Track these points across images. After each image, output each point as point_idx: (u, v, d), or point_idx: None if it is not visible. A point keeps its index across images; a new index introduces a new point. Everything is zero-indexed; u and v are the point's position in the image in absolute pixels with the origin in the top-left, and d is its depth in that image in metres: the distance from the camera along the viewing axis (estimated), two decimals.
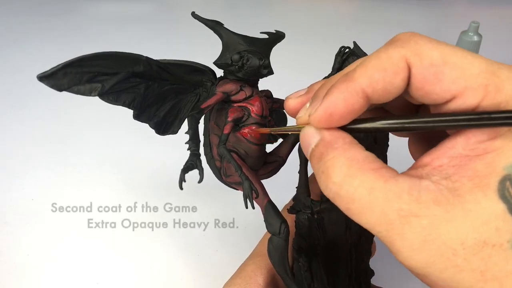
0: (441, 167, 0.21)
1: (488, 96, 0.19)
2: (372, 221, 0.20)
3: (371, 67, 0.21)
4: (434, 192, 0.20)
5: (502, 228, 0.19)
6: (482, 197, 0.19)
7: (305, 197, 0.33)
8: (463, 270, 0.19)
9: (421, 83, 0.20)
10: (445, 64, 0.20)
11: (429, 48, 0.20)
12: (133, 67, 0.28)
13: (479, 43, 0.69)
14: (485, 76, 0.19)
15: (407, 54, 0.20)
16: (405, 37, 0.21)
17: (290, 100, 0.27)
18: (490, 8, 1.06)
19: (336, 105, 0.21)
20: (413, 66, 0.20)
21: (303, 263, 0.33)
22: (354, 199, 0.20)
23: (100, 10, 1.06)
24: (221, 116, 0.32)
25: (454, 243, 0.19)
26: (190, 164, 0.29)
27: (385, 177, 0.20)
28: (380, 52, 0.21)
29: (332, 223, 0.34)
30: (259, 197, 0.30)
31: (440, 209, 0.19)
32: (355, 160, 0.21)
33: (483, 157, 0.20)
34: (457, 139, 0.21)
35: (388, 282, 0.38)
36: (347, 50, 0.36)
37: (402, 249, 0.20)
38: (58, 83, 0.25)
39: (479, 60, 0.20)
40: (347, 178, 0.21)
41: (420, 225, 0.19)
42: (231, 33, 0.32)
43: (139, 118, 0.30)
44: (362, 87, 0.21)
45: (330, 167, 0.21)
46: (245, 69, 0.31)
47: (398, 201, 0.20)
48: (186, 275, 0.47)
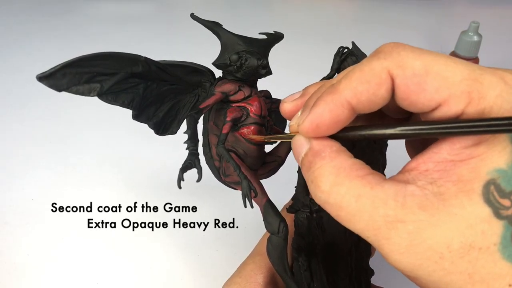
0: (427, 171, 0.21)
1: (472, 102, 0.19)
2: (360, 227, 0.21)
3: (355, 79, 0.21)
4: (419, 197, 0.20)
5: (488, 231, 0.19)
6: (467, 201, 0.20)
7: (304, 196, 0.33)
8: (451, 272, 0.20)
9: (406, 93, 0.21)
10: (427, 73, 0.20)
11: (411, 59, 0.21)
12: (132, 67, 0.28)
13: (479, 43, 0.69)
14: (468, 83, 0.20)
15: (389, 65, 0.21)
16: (388, 48, 0.22)
17: (285, 104, 0.28)
18: (490, 8, 1.06)
19: (322, 116, 0.22)
20: (396, 77, 0.21)
21: (303, 262, 0.33)
22: (342, 207, 0.21)
23: (100, 10, 1.06)
24: (220, 116, 0.32)
25: (440, 247, 0.19)
26: (188, 164, 0.29)
27: (371, 184, 0.21)
28: (363, 64, 0.22)
29: (331, 222, 0.34)
30: (258, 196, 0.30)
31: (425, 214, 0.20)
32: (341, 168, 0.22)
33: (467, 162, 0.20)
34: (442, 144, 0.21)
35: (388, 282, 0.38)
36: (345, 50, 0.36)
37: (390, 253, 0.20)
38: (57, 84, 0.25)
39: (461, 66, 0.20)
40: (335, 187, 0.21)
41: (406, 230, 0.20)
42: (229, 33, 0.32)
43: (138, 118, 0.31)
44: (346, 99, 0.21)
45: (318, 176, 0.22)
46: (244, 69, 0.31)
47: (384, 207, 0.20)
48: (186, 275, 0.47)
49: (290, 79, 0.51)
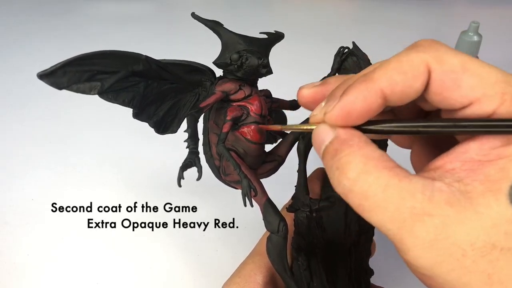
0: (453, 170, 0.21)
1: (504, 104, 0.20)
2: (384, 218, 0.20)
3: (391, 69, 0.21)
4: (446, 193, 0.20)
5: (511, 232, 0.19)
6: (493, 201, 0.20)
7: (304, 195, 0.33)
8: (471, 272, 0.19)
9: (440, 88, 0.21)
10: (464, 71, 0.20)
11: (449, 55, 0.21)
12: (133, 66, 0.28)
13: (479, 43, 0.69)
14: (502, 85, 0.20)
15: (428, 59, 0.21)
16: (427, 43, 0.22)
17: (304, 89, 0.27)
18: (490, 8, 1.06)
19: (354, 104, 0.22)
20: (433, 71, 0.21)
21: (302, 262, 0.33)
22: (367, 196, 0.21)
23: (100, 10, 1.06)
24: (220, 115, 0.32)
25: (464, 244, 0.19)
26: (188, 162, 0.29)
27: (399, 176, 0.21)
28: (401, 55, 0.22)
29: (331, 222, 0.34)
30: (257, 195, 0.30)
31: (452, 210, 0.20)
32: (370, 157, 0.21)
33: (495, 163, 0.20)
34: (470, 144, 0.21)
35: (388, 282, 0.38)
36: (346, 50, 0.36)
37: (412, 247, 0.20)
38: (57, 81, 0.25)
39: (496, 70, 0.20)
40: (362, 175, 0.21)
41: (433, 224, 0.20)
42: (230, 33, 0.32)
43: (139, 117, 0.31)
44: (381, 88, 0.21)
45: (346, 163, 0.21)
46: (244, 68, 0.31)
47: (412, 199, 0.20)
48: (186, 275, 0.47)
49: (290, 79, 0.51)
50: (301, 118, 0.34)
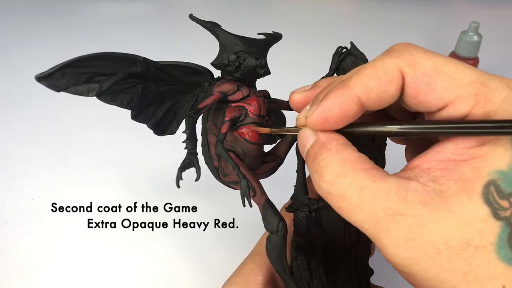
0: (429, 169, 0.21)
1: (478, 105, 0.20)
2: (361, 218, 0.21)
3: (366, 76, 0.22)
4: (420, 193, 0.21)
5: (486, 231, 0.20)
6: (467, 200, 0.20)
7: (303, 195, 0.33)
8: (446, 270, 0.20)
9: (415, 91, 0.21)
10: (437, 74, 0.21)
11: (422, 59, 0.21)
12: (131, 67, 0.28)
13: (479, 43, 0.69)
14: (476, 86, 0.20)
15: (401, 64, 0.21)
16: (400, 47, 0.22)
17: (295, 94, 0.28)
18: (490, 8, 1.06)
19: (331, 110, 0.22)
20: (407, 76, 0.21)
21: (302, 262, 0.33)
22: (344, 197, 0.21)
23: (100, 10, 1.06)
24: (219, 116, 0.32)
25: (438, 242, 0.20)
26: (187, 163, 0.29)
27: (375, 177, 0.21)
28: (375, 61, 0.22)
29: (330, 221, 0.34)
30: (256, 195, 0.30)
31: (426, 209, 0.20)
32: (347, 161, 0.22)
33: (470, 162, 0.21)
34: (446, 144, 0.21)
35: (387, 282, 0.38)
36: (344, 50, 0.36)
37: (387, 246, 0.21)
38: (56, 84, 0.25)
39: (470, 70, 0.21)
40: (339, 178, 0.21)
41: (406, 223, 0.20)
42: (228, 33, 0.32)
43: (137, 118, 0.31)
44: (357, 94, 0.22)
45: (323, 166, 0.22)
46: (242, 69, 0.31)
47: (386, 200, 0.20)
48: (186, 275, 0.47)
49: (289, 79, 0.51)
50: None
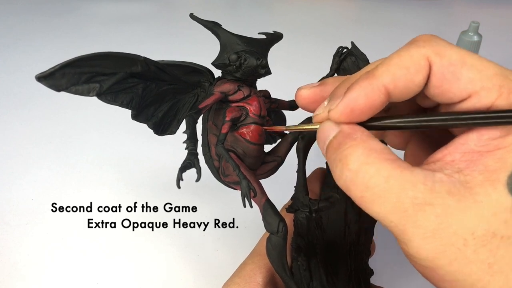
0: (453, 161, 0.21)
1: (502, 96, 0.20)
2: (385, 209, 0.21)
3: (393, 65, 0.22)
4: (447, 184, 0.20)
5: (510, 221, 0.20)
6: (492, 190, 0.20)
7: (303, 196, 0.33)
8: (472, 261, 0.20)
9: (440, 81, 0.21)
10: (463, 64, 0.21)
11: (449, 49, 0.21)
12: (131, 67, 0.28)
13: (479, 43, 0.69)
14: (499, 78, 0.21)
15: (428, 53, 0.21)
16: (426, 38, 0.22)
17: (302, 90, 0.28)
18: (490, 8, 1.06)
19: (358, 101, 0.22)
20: (434, 65, 0.21)
21: (302, 262, 0.33)
22: (369, 187, 0.21)
23: (100, 10, 1.06)
24: (219, 116, 0.32)
25: (465, 233, 0.20)
26: (187, 163, 0.29)
27: (401, 167, 0.21)
28: (401, 51, 0.22)
29: (330, 222, 0.34)
30: (257, 196, 0.30)
31: (453, 199, 0.20)
32: (372, 150, 0.22)
33: (494, 153, 0.21)
34: (469, 135, 0.21)
35: (387, 282, 0.38)
36: (344, 50, 0.36)
37: (414, 238, 0.20)
38: (56, 84, 0.25)
39: (493, 64, 0.21)
40: (364, 166, 0.21)
41: (434, 213, 0.20)
42: (228, 33, 0.32)
43: (137, 118, 0.31)
44: (384, 84, 0.22)
45: (348, 155, 0.22)
46: (243, 69, 0.31)
47: (413, 189, 0.20)
48: (186, 275, 0.47)
49: (290, 79, 0.51)
50: (300, 118, 0.34)
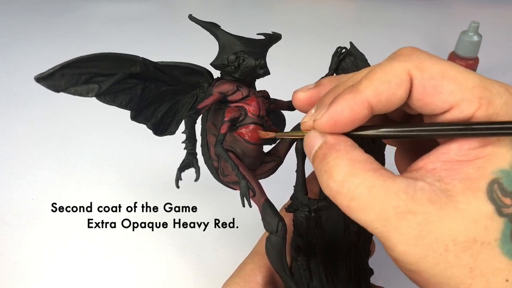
0: (434, 170, 0.22)
1: (482, 107, 0.21)
2: (370, 217, 0.21)
3: (376, 79, 0.22)
4: (428, 192, 0.21)
5: (491, 227, 0.21)
6: (472, 198, 0.21)
7: (303, 195, 0.33)
8: (454, 265, 0.20)
9: (422, 94, 0.22)
10: (444, 77, 0.22)
11: (429, 62, 0.22)
12: (130, 68, 0.28)
13: (479, 43, 0.69)
14: (479, 89, 0.21)
15: (409, 67, 0.22)
16: (407, 51, 0.23)
17: (299, 93, 0.29)
18: (490, 8, 1.06)
19: (341, 114, 0.23)
20: (415, 79, 0.22)
21: (302, 262, 0.33)
22: (354, 197, 0.22)
23: (100, 10, 1.06)
24: (218, 116, 0.32)
25: (446, 239, 0.20)
26: (186, 163, 0.29)
27: (384, 177, 0.22)
28: (384, 65, 0.23)
29: (330, 221, 0.34)
30: (256, 196, 0.30)
31: (434, 207, 0.21)
32: (356, 161, 0.22)
33: (474, 162, 0.21)
34: (450, 145, 0.22)
35: (388, 282, 0.38)
36: (343, 50, 0.36)
37: (397, 244, 0.21)
38: (55, 84, 0.25)
39: (473, 75, 0.22)
40: (349, 177, 0.22)
41: (416, 221, 0.21)
42: (227, 34, 0.32)
43: (137, 119, 0.31)
44: (367, 98, 0.22)
45: (333, 166, 0.23)
46: (241, 69, 0.31)
47: (396, 198, 0.21)
48: (186, 275, 0.47)
49: (289, 79, 0.51)
50: (299, 118, 0.34)
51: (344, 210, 0.22)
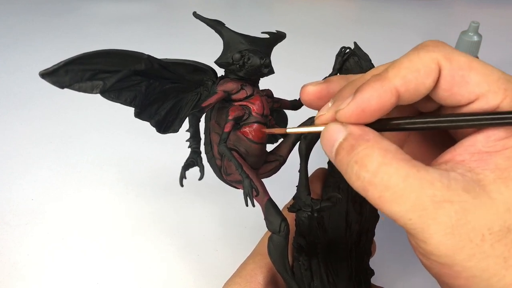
0: (463, 161, 0.22)
1: (507, 99, 0.22)
2: (405, 208, 0.21)
3: (404, 68, 0.23)
4: (462, 182, 0.21)
5: None
6: (504, 187, 0.21)
7: (306, 195, 0.33)
8: (489, 256, 0.20)
9: (450, 84, 0.22)
10: (471, 68, 0.22)
11: (457, 54, 0.22)
12: (135, 65, 0.28)
13: (479, 43, 0.69)
14: (504, 81, 0.22)
15: (438, 57, 0.22)
16: (433, 43, 0.23)
17: (309, 86, 0.29)
18: (490, 8, 1.07)
19: (369, 102, 0.23)
20: (444, 69, 0.22)
21: (303, 262, 0.33)
22: (388, 186, 0.21)
23: (100, 10, 1.06)
24: (222, 115, 0.32)
25: (483, 228, 0.20)
26: (190, 162, 0.29)
27: (417, 167, 0.22)
28: (411, 55, 0.23)
29: (332, 222, 0.34)
30: (259, 195, 0.30)
31: (469, 196, 0.21)
32: (388, 150, 0.22)
33: (502, 153, 0.22)
34: (476, 137, 0.22)
35: (388, 282, 0.38)
36: (347, 50, 0.36)
37: (434, 234, 0.21)
38: (60, 80, 0.25)
39: (496, 69, 0.22)
40: (382, 166, 0.22)
41: (453, 209, 0.21)
42: (232, 32, 0.32)
43: (140, 116, 0.30)
44: (396, 86, 0.22)
45: (365, 156, 0.22)
46: (246, 68, 0.31)
47: (432, 187, 0.21)
48: (186, 275, 0.47)
49: (290, 79, 0.51)
50: (302, 117, 0.34)
51: (375, 202, 0.22)
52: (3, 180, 0.58)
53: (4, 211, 0.53)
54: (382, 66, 0.25)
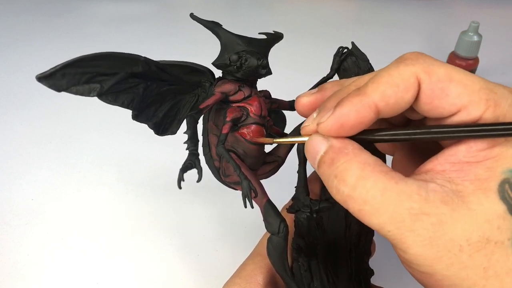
0: (443, 171, 0.22)
1: (489, 109, 0.21)
2: (383, 220, 0.21)
3: (383, 83, 0.22)
4: (440, 193, 0.21)
5: (503, 227, 0.21)
6: (484, 198, 0.21)
7: (304, 196, 0.33)
8: (468, 266, 0.20)
9: (430, 97, 0.22)
10: (451, 80, 0.22)
11: (436, 66, 0.22)
12: (132, 67, 0.28)
13: (479, 43, 0.69)
14: (485, 92, 0.21)
15: (417, 71, 0.22)
16: (413, 56, 0.23)
17: (303, 97, 0.29)
18: (490, 8, 1.06)
19: (348, 117, 0.23)
20: (423, 82, 0.22)
21: (303, 263, 0.33)
22: (367, 200, 0.22)
23: (100, 10, 1.06)
24: (220, 116, 0.32)
25: (460, 239, 0.20)
26: (188, 164, 0.29)
27: (395, 179, 0.22)
28: (390, 69, 0.23)
29: (331, 222, 0.34)
30: (258, 196, 0.30)
31: (447, 208, 0.21)
32: (366, 164, 0.22)
33: (483, 163, 0.22)
34: (458, 147, 0.22)
35: (388, 282, 0.38)
36: (345, 50, 0.36)
37: (411, 245, 0.21)
38: (57, 84, 0.25)
39: (478, 78, 0.22)
40: (360, 180, 0.22)
41: (430, 222, 0.21)
42: (229, 33, 0.31)
43: (138, 118, 0.30)
44: (374, 102, 0.22)
45: (343, 170, 0.22)
46: (244, 69, 0.31)
47: (409, 200, 0.21)
48: (186, 275, 0.47)
49: (289, 79, 0.51)
50: (301, 118, 0.34)
51: (356, 214, 0.22)
52: (3, 180, 0.58)
53: (4, 211, 0.53)
54: (367, 76, 0.25)
